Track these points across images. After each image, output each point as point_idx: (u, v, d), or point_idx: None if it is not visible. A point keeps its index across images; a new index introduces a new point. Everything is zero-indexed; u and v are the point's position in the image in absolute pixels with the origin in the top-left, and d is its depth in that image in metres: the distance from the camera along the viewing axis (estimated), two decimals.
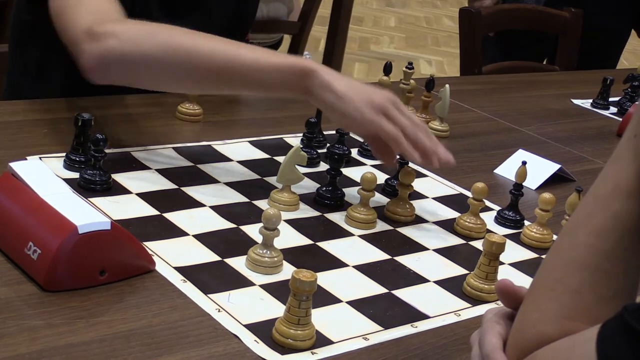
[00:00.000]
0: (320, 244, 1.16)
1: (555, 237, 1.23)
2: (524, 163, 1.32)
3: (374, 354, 0.95)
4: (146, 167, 1.28)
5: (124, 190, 1.19)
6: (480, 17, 2.46)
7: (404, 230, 1.24)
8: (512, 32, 2.64)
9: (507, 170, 1.53)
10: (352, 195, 1.28)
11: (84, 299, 0.93)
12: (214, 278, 1.03)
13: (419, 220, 1.28)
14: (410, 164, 1.34)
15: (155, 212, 1.15)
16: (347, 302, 1.03)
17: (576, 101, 2.13)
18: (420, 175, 1.42)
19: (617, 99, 2.11)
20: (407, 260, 1.16)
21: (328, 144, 1.43)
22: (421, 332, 1.01)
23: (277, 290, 1.02)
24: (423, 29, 6.66)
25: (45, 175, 1.05)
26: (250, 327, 0.94)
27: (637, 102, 2.04)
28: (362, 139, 1.47)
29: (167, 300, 0.97)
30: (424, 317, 1.04)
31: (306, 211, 1.24)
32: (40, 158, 1.23)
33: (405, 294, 1.08)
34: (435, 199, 1.37)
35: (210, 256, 1.07)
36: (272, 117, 1.55)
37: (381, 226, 1.24)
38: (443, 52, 6.02)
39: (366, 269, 1.12)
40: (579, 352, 0.67)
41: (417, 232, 1.25)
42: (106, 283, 0.96)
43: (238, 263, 1.07)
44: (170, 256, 1.05)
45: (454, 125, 1.69)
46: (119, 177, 1.22)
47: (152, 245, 1.07)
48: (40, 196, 0.99)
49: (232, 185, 1.28)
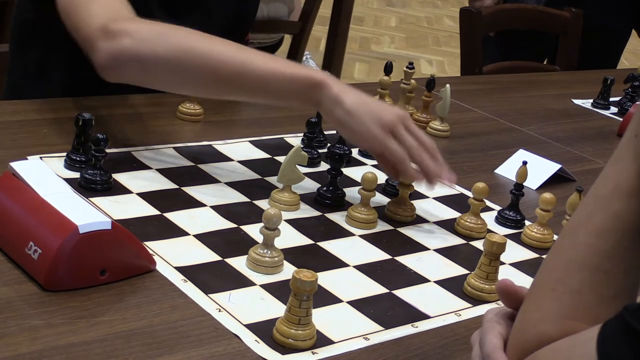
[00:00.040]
0: (320, 243, 1.16)
1: (555, 237, 1.23)
2: (524, 163, 1.32)
3: (375, 354, 0.95)
4: (147, 167, 1.28)
5: (124, 190, 1.19)
6: (481, 17, 2.46)
7: (405, 230, 1.24)
8: (512, 32, 2.64)
9: (507, 170, 1.53)
10: (352, 195, 1.28)
11: (84, 298, 0.93)
12: (214, 278, 1.03)
13: (420, 220, 1.28)
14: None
15: (155, 211, 1.15)
16: (348, 302, 1.03)
17: (577, 101, 2.12)
18: None
19: (617, 99, 2.11)
20: (408, 260, 1.16)
21: (329, 144, 1.43)
22: (422, 332, 1.00)
23: (277, 290, 1.02)
24: (424, 29, 6.65)
25: (45, 175, 1.05)
26: (251, 327, 0.94)
27: (638, 102, 2.04)
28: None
29: (168, 300, 0.97)
30: (424, 317, 1.04)
31: (307, 211, 1.24)
32: (40, 158, 1.23)
33: (406, 294, 1.08)
34: (435, 199, 1.37)
35: (210, 256, 1.07)
36: (273, 117, 1.55)
37: (382, 226, 1.24)
38: (444, 52, 6.02)
39: (367, 269, 1.12)
40: (579, 352, 0.67)
41: (418, 232, 1.25)
42: (107, 283, 0.96)
43: (239, 263, 1.07)
44: (171, 256, 1.05)
45: (454, 125, 1.69)
46: (119, 177, 1.22)
47: (152, 245, 1.07)
48: (40, 196, 0.99)
49: (232, 185, 1.28)
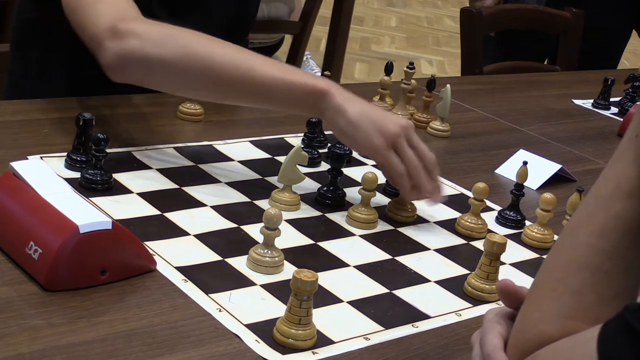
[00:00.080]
0: (321, 243, 1.16)
1: (556, 237, 1.23)
2: (525, 163, 1.32)
3: (375, 354, 0.95)
4: (147, 167, 1.28)
5: (125, 190, 1.19)
6: (481, 17, 2.46)
7: (405, 230, 1.24)
8: (513, 32, 2.64)
9: (508, 170, 1.53)
10: (353, 195, 1.28)
11: (85, 298, 0.93)
12: (215, 278, 1.03)
13: (420, 220, 1.28)
14: None
15: (156, 211, 1.15)
16: (348, 302, 1.03)
17: (577, 101, 2.12)
18: None
19: (618, 99, 2.11)
20: (408, 260, 1.16)
21: (329, 144, 1.43)
22: (422, 332, 1.00)
23: (278, 290, 1.02)
24: (424, 29, 6.65)
25: (46, 174, 1.05)
26: (251, 327, 0.94)
27: (638, 102, 2.04)
28: None
29: (168, 300, 0.97)
30: (424, 317, 1.04)
31: (307, 211, 1.24)
32: (41, 157, 1.23)
33: (406, 294, 1.08)
34: None
35: (211, 256, 1.07)
36: (273, 117, 1.55)
37: (382, 226, 1.24)
38: (444, 52, 6.02)
39: (367, 269, 1.12)
40: (579, 352, 0.67)
41: (418, 232, 1.25)
42: (107, 283, 0.96)
43: (239, 263, 1.07)
44: (171, 256, 1.05)
45: (455, 125, 1.69)
46: (120, 177, 1.22)
47: (153, 245, 1.07)
48: (41, 196, 0.99)
49: (233, 185, 1.28)
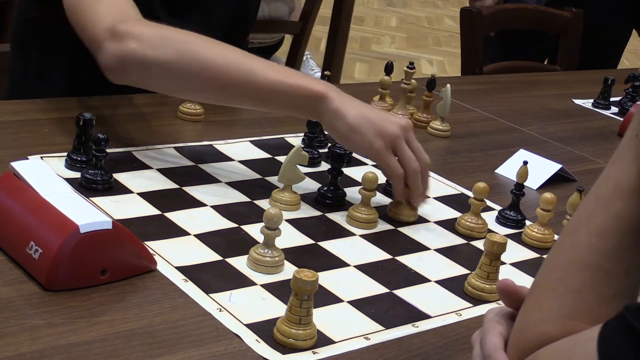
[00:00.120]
0: (321, 243, 1.16)
1: (556, 237, 1.23)
2: (525, 163, 1.32)
3: (375, 354, 0.95)
4: (147, 167, 1.28)
5: (125, 190, 1.19)
6: (482, 17, 2.46)
7: (405, 230, 1.24)
8: (513, 32, 2.64)
9: (508, 170, 1.53)
10: (353, 195, 1.28)
11: (85, 298, 0.93)
12: (215, 278, 1.03)
13: (420, 220, 1.28)
14: None
15: (156, 211, 1.15)
16: (349, 302, 1.03)
17: (577, 101, 2.12)
18: None
19: (618, 99, 2.11)
20: (408, 260, 1.16)
21: (329, 144, 1.43)
22: (422, 332, 1.00)
23: (278, 289, 1.02)
24: (424, 29, 6.65)
25: (46, 174, 1.05)
26: (252, 327, 0.94)
27: (638, 102, 2.04)
28: None
29: (169, 300, 0.97)
30: (425, 316, 1.04)
31: (307, 211, 1.24)
32: (41, 157, 1.23)
33: (407, 294, 1.08)
34: (436, 198, 1.37)
35: (211, 256, 1.07)
36: (274, 117, 1.55)
37: (382, 226, 1.24)
38: (444, 52, 6.02)
39: (367, 269, 1.12)
40: (580, 352, 0.67)
41: (418, 232, 1.25)
42: (107, 283, 0.96)
43: (239, 263, 1.07)
44: (172, 256, 1.05)
45: (455, 125, 1.69)
46: (120, 177, 1.22)
47: (153, 245, 1.07)
48: (41, 196, 0.99)
49: (233, 184, 1.28)
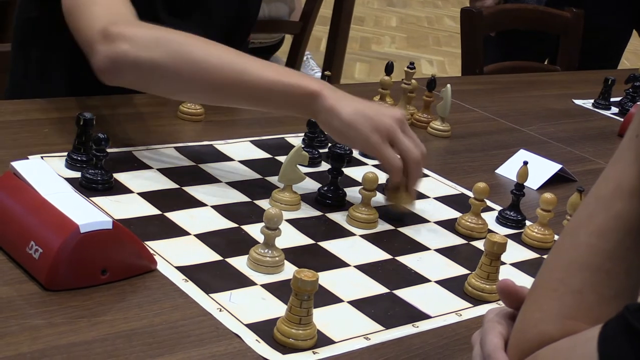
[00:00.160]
0: (321, 243, 1.16)
1: (556, 237, 1.23)
2: (525, 163, 1.32)
3: (375, 354, 0.95)
4: (148, 167, 1.28)
5: (125, 190, 1.19)
6: (482, 17, 2.46)
7: (406, 230, 1.24)
8: (513, 32, 2.64)
9: (508, 170, 1.53)
10: (353, 195, 1.28)
11: (85, 298, 0.93)
12: (215, 278, 1.03)
13: (420, 220, 1.28)
14: None
15: (156, 211, 1.15)
16: (349, 302, 1.03)
17: (577, 101, 2.12)
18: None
19: (618, 99, 2.11)
20: (409, 260, 1.16)
21: (329, 144, 1.43)
22: (422, 332, 1.00)
23: (278, 289, 1.02)
24: (424, 29, 6.65)
25: (46, 174, 1.05)
26: (252, 327, 0.94)
27: (639, 102, 2.04)
28: None
29: (169, 300, 0.97)
30: (425, 317, 1.04)
31: (307, 211, 1.24)
32: (42, 157, 1.23)
33: (407, 294, 1.08)
34: (436, 199, 1.37)
35: (211, 256, 1.07)
36: (274, 117, 1.55)
37: (382, 226, 1.24)
38: (444, 52, 6.02)
39: (367, 269, 1.12)
40: (580, 352, 0.67)
41: (419, 232, 1.25)
42: (108, 282, 0.96)
43: (239, 263, 1.07)
44: (172, 256, 1.05)
45: (455, 125, 1.69)
46: (120, 177, 1.22)
47: (153, 245, 1.07)
48: (41, 195, 0.99)
49: (233, 184, 1.28)
